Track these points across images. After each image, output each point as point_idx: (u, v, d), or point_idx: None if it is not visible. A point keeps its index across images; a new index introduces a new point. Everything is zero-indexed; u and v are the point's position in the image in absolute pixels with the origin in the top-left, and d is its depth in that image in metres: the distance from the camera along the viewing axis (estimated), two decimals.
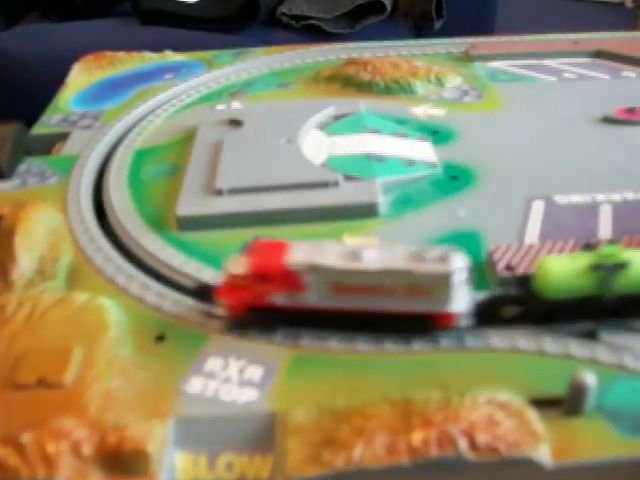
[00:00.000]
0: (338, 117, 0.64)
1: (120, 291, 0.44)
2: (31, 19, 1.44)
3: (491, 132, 0.63)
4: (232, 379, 0.37)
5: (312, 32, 1.27)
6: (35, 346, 0.39)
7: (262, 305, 0.39)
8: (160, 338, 0.40)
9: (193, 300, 0.43)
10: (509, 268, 0.43)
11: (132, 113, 0.69)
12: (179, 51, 0.84)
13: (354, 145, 0.58)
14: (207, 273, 0.45)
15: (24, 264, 0.45)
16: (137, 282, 0.45)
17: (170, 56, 0.83)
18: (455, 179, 0.55)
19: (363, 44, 0.84)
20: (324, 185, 0.52)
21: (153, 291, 0.44)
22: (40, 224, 0.49)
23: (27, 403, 0.36)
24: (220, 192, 0.52)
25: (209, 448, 0.35)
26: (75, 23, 1.30)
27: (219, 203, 0.51)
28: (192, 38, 1.20)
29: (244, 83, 0.76)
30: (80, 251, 0.48)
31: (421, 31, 1.43)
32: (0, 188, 0.57)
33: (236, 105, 0.68)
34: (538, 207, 0.51)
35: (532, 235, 0.48)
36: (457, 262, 0.38)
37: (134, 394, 0.37)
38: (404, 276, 0.38)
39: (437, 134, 0.62)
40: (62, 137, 0.65)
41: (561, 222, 0.49)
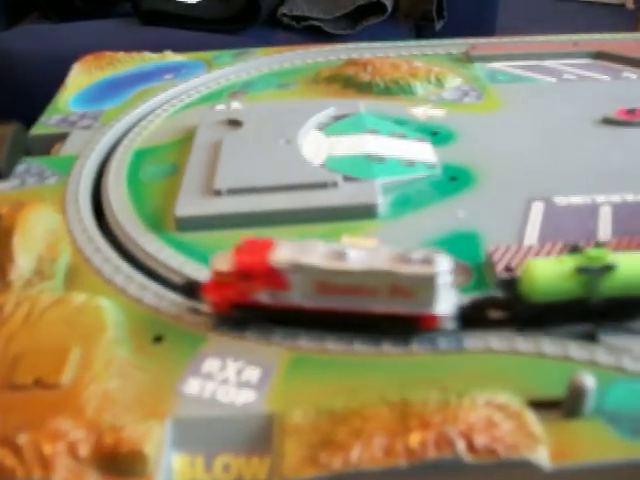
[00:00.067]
0: (338, 118, 0.64)
1: (118, 292, 0.44)
2: (32, 19, 1.44)
3: (491, 133, 0.63)
4: (230, 380, 0.37)
5: (313, 33, 1.27)
6: (32, 346, 0.39)
7: (246, 303, 0.39)
8: (158, 339, 0.40)
9: (180, 296, 0.43)
10: (508, 269, 0.43)
11: (132, 113, 0.69)
12: (180, 52, 0.84)
13: (353, 146, 0.58)
14: (205, 274, 0.45)
15: (22, 264, 0.45)
16: (135, 283, 0.45)
17: (170, 56, 0.83)
18: (454, 180, 0.55)
19: (363, 45, 0.84)
20: (323, 186, 0.52)
21: (151, 292, 0.44)
22: (38, 224, 0.49)
23: (24, 403, 0.36)
24: (219, 192, 0.52)
25: (206, 449, 0.35)
26: (75, 24, 1.30)
27: (218, 204, 0.51)
28: (193, 39, 1.20)
29: (244, 83, 0.76)
30: (78, 251, 0.48)
31: (422, 32, 1.43)
32: None
33: (236, 105, 0.68)
34: (538, 208, 0.51)
35: (531, 236, 0.48)
36: (441, 264, 0.37)
37: (132, 395, 0.36)
38: (387, 277, 0.37)
39: (437, 135, 0.62)
40: (61, 137, 0.65)
41: (561, 223, 0.49)
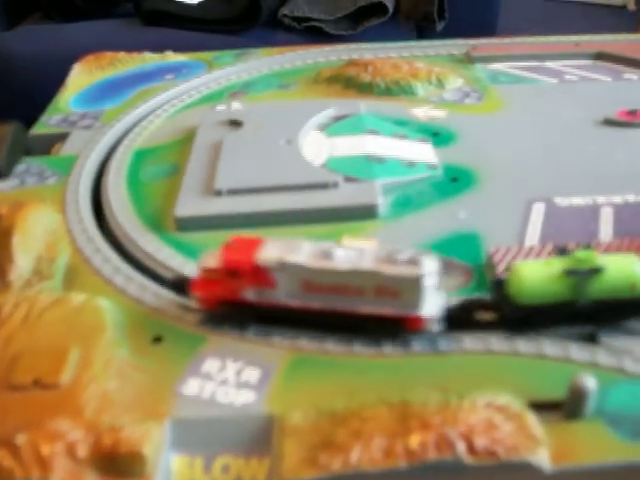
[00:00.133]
0: (338, 118, 0.64)
1: (118, 292, 0.44)
2: (33, 20, 1.44)
3: (492, 134, 0.62)
4: (229, 381, 0.37)
5: (314, 34, 1.27)
6: (31, 346, 0.39)
7: (233, 300, 0.40)
8: (157, 339, 0.40)
9: (169, 291, 0.43)
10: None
11: (132, 113, 0.69)
12: (180, 52, 0.84)
13: (354, 146, 0.58)
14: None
15: (21, 264, 0.45)
16: (135, 283, 0.45)
17: (171, 57, 0.83)
18: (455, 181, 0.55)
19: (364, 45, 0.84)
20: (324, 186, 0.52)
21: (151, 292, 0.44)
22: (38, 224, 0.49)
23: (22, 404, 0.36)
24: (219, 193, 0.52)
25: (205, 450, 0.35)
26: (77, 24, 1.30)
27: (218, 204, 0.51)
28: (193, 39, 1.20)
29: (244, 84, 0.76)
30: (78, 251, 0.48)
31: (423, 33, 1.43)
32: None
33: (236, 106, 0.68)
34: (539, 209, 0.51)
35: (532, 237, 0.47)
36: (428, 266, 0.37)
37: (131, 395, 0.36)
38: (372, 277, 0.37)
39: (437, 136, 0.62)
40: (62, 137, 0.65)
41: (562, 224, 0.49)
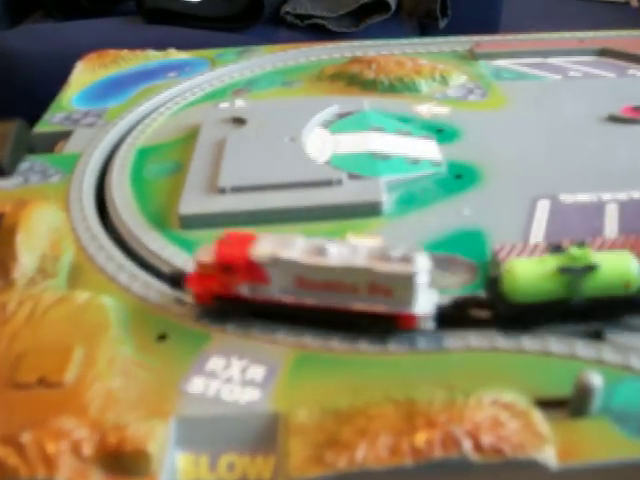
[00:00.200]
0: (342, 115, 0.63)
1: (122, 290, 0.44)
2: (35, 18, 1.44)
3: (496, 131, 0.62)
4: (234, 379, 0.37)
5: (316, 31, 1.27)
6: (36, 345, 0.39)
7: (227, 295, 0.40)
8: (162, 337, 0.40)
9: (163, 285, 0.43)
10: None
11: (135, 111, 0.69)
12: (183, 50, 0.84)
13: (358, 143, 0.58)
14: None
15: (25, 262, 0.45)
16: (139, 281, 0.45)
17: (174, 54, 0.82)
18: (460, 178, 0.55)
19: (367, 42, 0.83)
20: (328, 183, 0.52)
21: (155, 290, 0.44)
22: (42, 222, 0.49)
23: (27, 402, 0.36)
24: (223, 190, 0.52)
25: (211, 448, 0.35)
26: (79, 22, 1.30)
27: (222, 201, 0.51)
28: (196, 37, 1.20)
29: (248, 81, 0.76)
30: (82, 249, 0.48)
31: (426, 30, 1.42)
32: (2, 186, 0.57)
33: (240, 103, 0.68)
34: (543, 206, 0.51)
35: (537, 234, 0.47)
36: (421, 263, 0.37)
37: (135, 393, 0.36)
38: (365, 274, 0.37)
39: (441, 132, 0.62)
40: (65, 135, 0.65)
41: (567, 221, 0.49)
